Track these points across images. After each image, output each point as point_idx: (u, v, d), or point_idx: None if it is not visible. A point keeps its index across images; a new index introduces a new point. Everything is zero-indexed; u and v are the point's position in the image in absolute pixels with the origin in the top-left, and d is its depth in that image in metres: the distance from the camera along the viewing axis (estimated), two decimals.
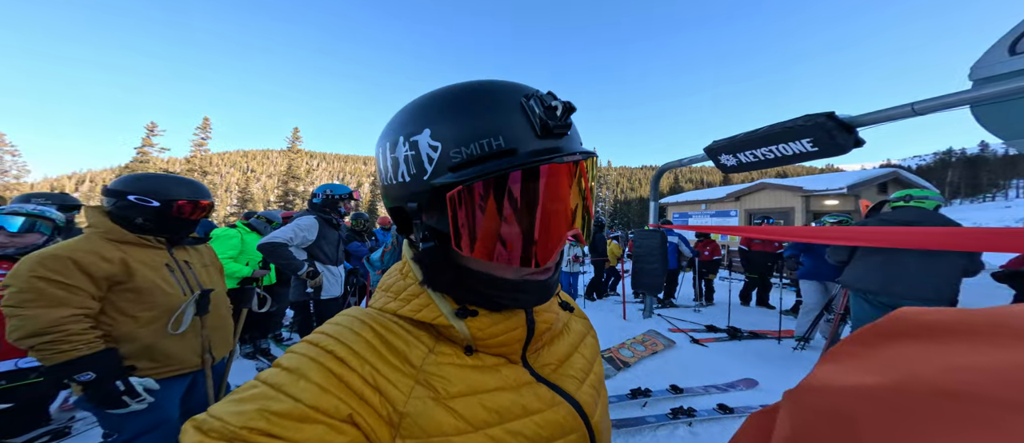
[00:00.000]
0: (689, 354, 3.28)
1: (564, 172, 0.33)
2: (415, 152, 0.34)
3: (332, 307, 2.40)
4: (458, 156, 0.32)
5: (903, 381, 0.18)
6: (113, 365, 1.06)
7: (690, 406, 2.21)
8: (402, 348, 0.36)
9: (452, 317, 0.37)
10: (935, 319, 0.19)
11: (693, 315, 5.01)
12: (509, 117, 0.32)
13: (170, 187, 1.23)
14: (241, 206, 34.03)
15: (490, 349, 0.38)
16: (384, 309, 0.40)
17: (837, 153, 2.76)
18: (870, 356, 0.21)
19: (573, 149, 0.34)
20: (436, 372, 0.35)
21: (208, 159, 33.60)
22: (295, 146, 35.17)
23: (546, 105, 0.32)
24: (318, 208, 2.39)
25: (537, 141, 0.32)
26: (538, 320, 0.41)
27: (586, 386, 0.42)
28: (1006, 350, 0.16)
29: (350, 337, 0.35)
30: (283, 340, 3.92)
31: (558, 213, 0.34)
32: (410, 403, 0.33)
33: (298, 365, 0.33)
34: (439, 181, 0.33)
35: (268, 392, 0.31)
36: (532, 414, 0.36)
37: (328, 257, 2.35)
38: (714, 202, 12.19)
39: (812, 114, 2.75)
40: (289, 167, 34.44)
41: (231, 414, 0.30)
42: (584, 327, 0.51)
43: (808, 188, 9.84)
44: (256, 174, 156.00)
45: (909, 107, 2.40)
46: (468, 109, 0.33)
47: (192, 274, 1.33)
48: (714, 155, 3.56)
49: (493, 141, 0.31)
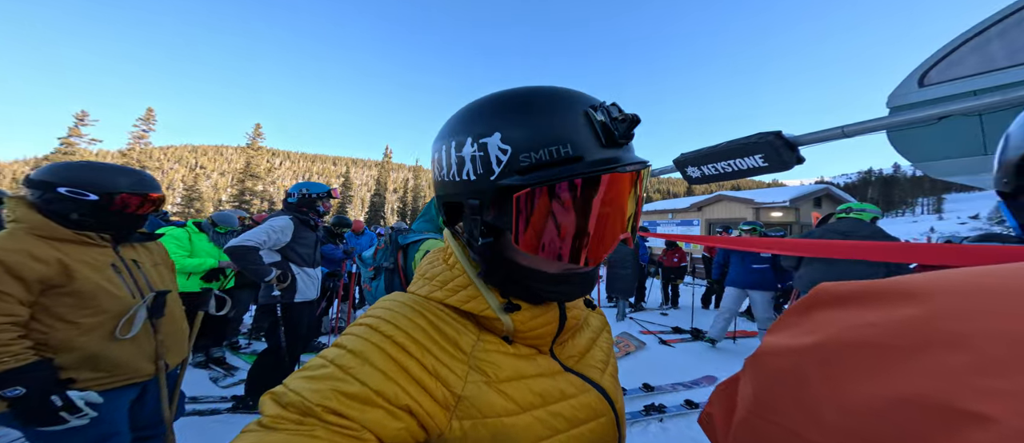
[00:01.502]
0: (658, 354, 3.47)
1: (624, 180, 0.35)
2: (484, 153, 0.35)
3: (303, 311, 2.26)
4: (527, 160, 0.34)
5: (825, 339, 0.24)
6: (46, 378, 0.93)
7: (661, 403, 2.35)
8: (453, 335, 0.38)
9: (499, 311, 0.39)
10: (846, 290, 0.26)
11: (661, 318, 5.29)
12: (577, 126, 0.34)
13: (110, 178, 1.08)
14: (186, 205, 30.71)
15: (526, 340, 0.41)
16: (431, 297, 0.41)
17: (783, 169, 3.10)
18: (803, 323, 0.27)
19: (632, 159, 0.36)
20: (485, 358, 0.38)
21: (149, 153, 30.06)
22: (255, 143, 32.58)
23: (612, 116, 0.35)
24: (293, 208, 2.26)
25: (601, 150, 0.34)
26: (569, 315, 0.43)
27: (607, 375, 0.45)
28: (890, 308, 0.22)
29: (407, 324, 0.37)
30: (240, 348, 3.60)
31: (614, 218, 0.36)
32: (467, 387, 0.35)
33: (363, 349, 0.34)
34: (507, 182, 0.34)
35: (338, 373, 0.32)
36: (569, 398, 0.39)
37: (303, 259, 2.22)
38: (679, 212, 13.05)
39: (763, 132, 3.08)
40: (247, 165, 31.77)
41: (308, 390, 0.31)
42: (600, 323, 0.54)
43: (758, 201, 10.89)
44: (206, 171, 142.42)
45: (840, 130, 2.77)
46: (539, 116, 0.34)
47: (142, 275, 1.19)
48: (681, 166, 3.83)
49: (561, 148, 0.33)
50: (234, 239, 2.00)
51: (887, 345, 0.21)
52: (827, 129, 3.25)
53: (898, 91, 3.32)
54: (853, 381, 0.21)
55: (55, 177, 1.04)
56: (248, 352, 3.53)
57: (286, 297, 2.14)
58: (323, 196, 2.29)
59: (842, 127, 3.28)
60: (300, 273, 2.20)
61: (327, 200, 2.31)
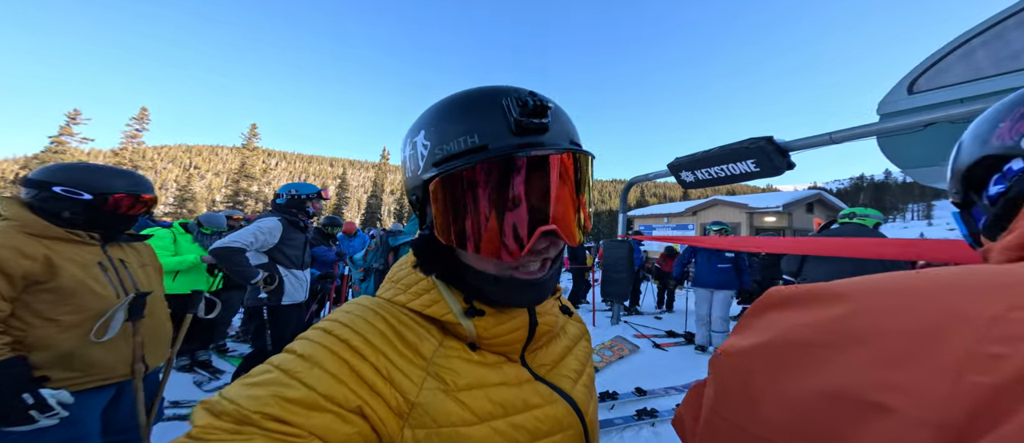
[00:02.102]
0: (652, 358, 3.46)
1: (534, 165, 0.33)
2: (413, 151, 0.38)
3: (291, 314, 2.21)
4: (441, 153, 0.35)
5: (771, 338, 0.25)
6: (19, 376, 0.91)
7: (653, 407, 2.33)
8: (414, 340, 0.37)
9: (461, 315, 0.38)
10: (791, 292, 0.27)
11: (655, 322, 5.30)
12: (488, 117, 0.34)
13: (105, 178, 1.11)
14: (179, 205, 30.31)
15: (492, 347, 0.39)
16: (394, 300, 0.41)
17: (774, 174, 3.14)
18: (755, 324, 0.28)
19: (548, 145, 0.34)
20: (445, 365, 0.36)
21: (141, 152, 29.73)
22: (251, 143, 32.33)
23: (521, 102, 0.33)
24: (282, 209, 2.22)
25: (512, 138, 0.33)
26: (540, 322, 0.42)
27: (579, 385, 0.44)
28: (823, 309, 0.24)
29: (365, 327, 0.36)
30: (228, 351, 3.53)
31: (524, 206, 0.34)
32: (422, 394, 0.34)
33: (313, 353, 0.33)
34: (425, 175, 0.36)
35: (282, 378, 0.31)
36: (533, 409, 0.38)
37: (291, 261, 2.18)
38: (675, 216, 13.16)
39: (755, 137, 3.11)
40: (242, 165, 31.49)
41: (245, 398, 0.30)
42: (579, 331, 0.52)
43: (752, 205, 11.01)
44: (200, 171, 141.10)
45: (828, 136, 2.81)
46: (454, 111, 0.35)
47: (128, 274, 1.19)
48: (676, 171, 3.87)
49: (469, 138, 0.33)
50: (220, 240, 1.96)
51: (816, 343, 0.22)
52: (816, 135, 3.28)
53: (888, 98, 3.36)
54: (789, 377, 0.23)
55: (52, 177, 1.06)
56: (236, 355, 3.46)
57: (273, 299, 2.10)
58: (313, 197, 2.25)
59: (830, 133, 3.31)
60: (288, 275, 2.16)
61: (317, 201, 2.28)
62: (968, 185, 0.41)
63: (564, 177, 0.35)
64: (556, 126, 0.36)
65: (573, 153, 0.35)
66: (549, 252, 0.37)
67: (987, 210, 0.38)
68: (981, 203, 0.39)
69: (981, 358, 0.17)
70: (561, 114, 0.37)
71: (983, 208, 0.39)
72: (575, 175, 0.36)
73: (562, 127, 0.37)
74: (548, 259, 0.38)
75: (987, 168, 0.38)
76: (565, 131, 0.37)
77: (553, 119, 0.35)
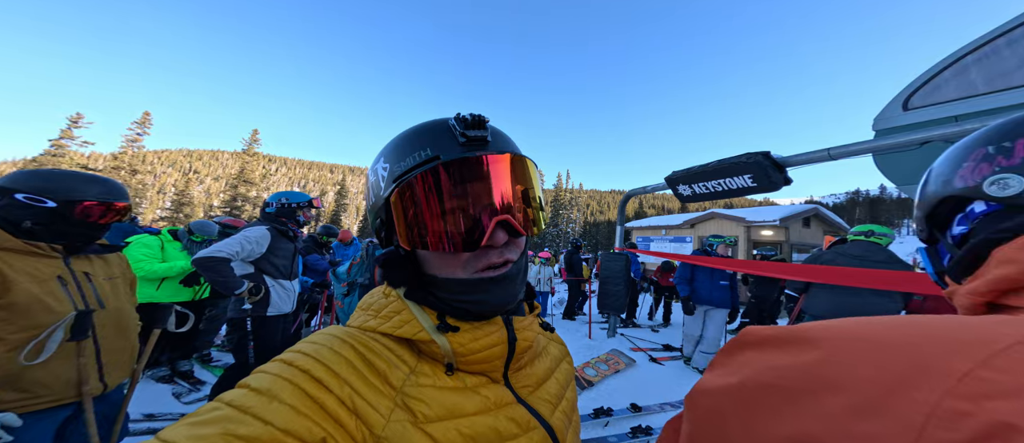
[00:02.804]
0: (648, 372, 3.38)
1: (479, 166, 0.37)
2: (375, 178, 0.41)
3: (276, 325, 2.14)
4: (399, 169, 0.39)
5: (744, 379, 0.25)
6: None
7: (648, 425, 2.25)
8: (383, 368, 0.36)
9: (433, 332, 0.38)
10: (767, 334, 0.27)
11: (652, 335, 5.22)
12: (437, 135, 0.39)
13: (74, 185, 1.05)
14: (176, 210, 30.14)
15: (472, 367, 0.39)
16: (364, 327, 0.40)
17: (771, 189, 3.13)
18: (730, 363, 0.28)
19: (489, 151, 0.39)
20: (415, 395, 0.35)
21: (141, 156, 29.79)
22: (252, 148, 32.43)
23: (462, 120, 0.38)
24: (271, 217, 2.18)
25: (459, 149, 0.38)
26: (520, 337, 0.41)
27: (558, 411, 0.43)
28: (795, 353, 0.23)
29: (328, 356, 0.34)
30: (211, 361, 3.42)
31: (477, 201, 0.37)
32: (389, 426, 0.33)
33: (270, 386, 0.31)
34: (386, 192, 0.39)
35: (233, 415, 0.29)
36: (506, 440, 0.37)
37: (279, 271, 2.13)
38: (673, 228, 13.14)
39: (752, 152, 3.11)
40: (242, 170, 31.50)
41: (189, 438, 0.27)
42: (560, 352, 0.52)
43: (749, 219, 11.01)
44: (200, 176, 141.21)
45: (826, 152, 2.82)
46: (410, 137, 0.40)
47: (91, 288, 1.12)
48: (673, 184, 3.86)
49: (422, 152, 0.38)
50: (204, 249, 1.91)
51: (787, 388, 0.23)
52: (814, 151, 3.28)
53: (883, 114, 3.37)
54: (760, 421, 0.23)
55: (14, 183, 1.01)
56: (220, 365, 3.36)
57: (258, 310, 2.03)
58: (303, 206, 2.21)
59: (828, 149, 3.31)
60: (274, 285, 2.10)
61: (308, 210, 2.23)
62: (932, 223, 0.40)
63: (508, 176, 0.39)
64: (495, 138, 0.40)
65: (514, 158, 0.39)
66: (511, 251, 0.39)
67: (951, 250, 0.37)
68: (945, 241, 0.39)
69: (946, 414, 0.17)
70: (500, 132, 0.42)
71: (948, 247, 0.38)
72: (520, 176, 0.40)
73: (501, 139, 0.41)
74: (511, 259, 0.40)
75: (951, 207, 0.37)
76: (505, 142, 0.42)
77: (492, 134, 0.40)
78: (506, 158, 0.39)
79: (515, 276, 0.40)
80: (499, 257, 0.38)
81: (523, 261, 0.43)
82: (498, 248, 0.38)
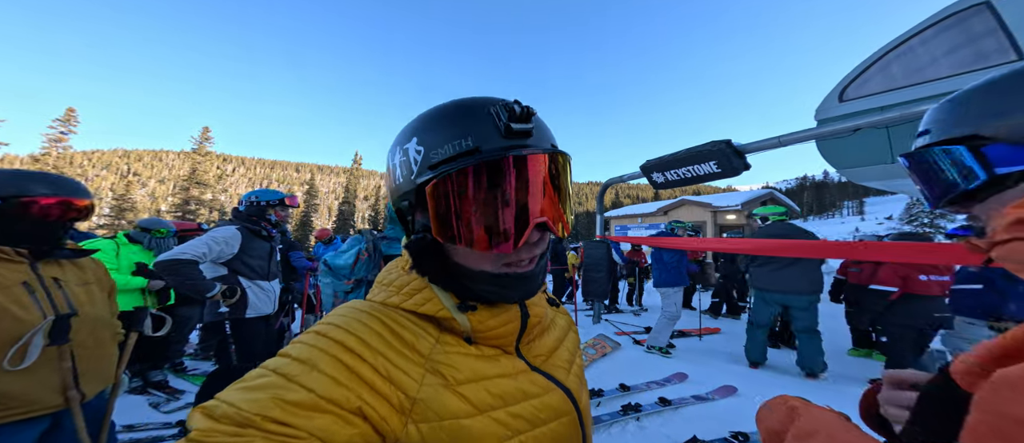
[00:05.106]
0: (632, 354, 3.59)
1: (523, 164, 0.36)
2: (405, 158, 0.39)
3: (257, 327, 2.06)
4: (436, 156, 0.36)
5: None
6: None
7: (637, 402, 2.41)
8: (410, 339, 0.38)
9: (454, 311, 0.40)
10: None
11: (634, 319, 5.51)
12: (479, 122, 0.36)
13: (23, 184, 0.99)
14: (117, 216, 27.07)
15: (488, 340, 0.41)
16: (387, 303, 0.42)
17: (733, 174, 3.42)
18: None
19: (534, 147, 0.37)
20: (444, 360, 0.38)
21: (68, 158, 26.27)
22: (203, 147, 29.68)
23: (508, 109, 0.37)
24: (242, 217, 2.08)
25: (502, 140, 0.36)
26: (531, 313, 0.44)
27: (571, 375, 0.46)
28: None
29: (360, 328, 0.37)
30: (185, 370, 3.22)
31: (517, 201, 0.36)
32: (423, 389, 0.35)
33: (310, 356, 0.33)
34: (421, 179, 0.37)
35: (280, 382, 0.31)
36: (531, 398, 0.40)
37: (255, 272, 2.04)
38: (647, 216, 13.81)
39: (716, 140, 3.38)
40: (193, 171, 28.79)
41: (244, 401, 0.30)
42: (567, 323, 0.55)
43: (715, 204, 11.83)
44: (141, 178, 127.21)
45: (776, 139, 3.13)
46: (447, 119, 0.38)
47: (62, 294, 1.06)
48: (648, 172, 4.08)
49: (463, 142, 0.36)
50: (166, 252, 1.79)
51: None
52: (767, 138, 3.61)
53: (823, 105, 3.76)
54: None
55: None
56: (197, 374, 3.17)
57: (236, 313, 1.95)
58: (274, 204, 2.12)
59: (778, 137, 3.65)
60: (251, 286, 2.01)
61: (280, 209, 2.15)
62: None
63: (549, 175, 0.38)
64: (538, 131, 0.39)
65: (555, 154, 0.38)
66: (539, 247, 0.40)
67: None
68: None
69: None
70: (541, 121, 0.40)
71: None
72: (558, 174, 0.39)
73: (543, 132, 0.39)
74: (536, 255, 0.40)
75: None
76: (546, 135, 0.40)
77: (536, 124, 0.38)
78: (547, 158, 0.37)
79: (540, 272, 0.42)
80: (528, 254, 0.39)
81: (547, 254, 0.43)
82: (529, 245, 0.38)
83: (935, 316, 2.77)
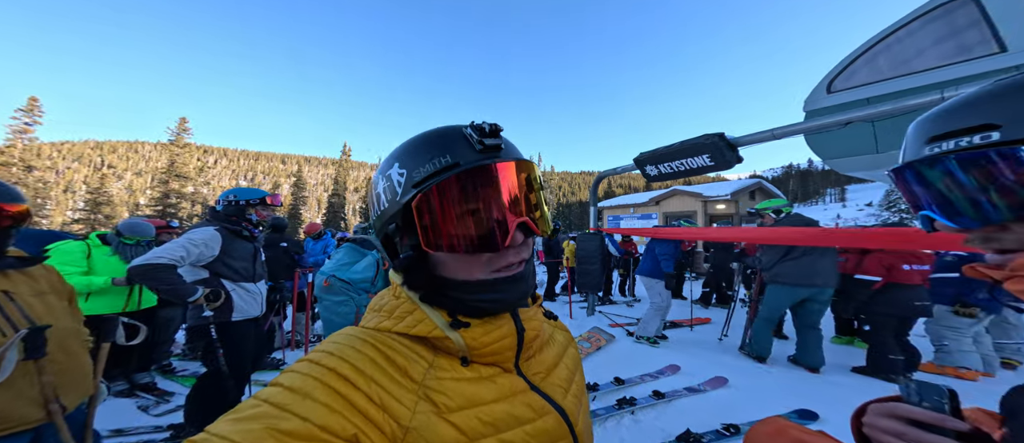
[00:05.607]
0: (627, 347, 3.64)
1: (497, 172, 0.40)
2: (389, 183, 0.42)
3: (245, 330, 1.99)
4: (419, 175, 0.39)
5: None
6: None
7: (632, 396, 2.44)
8: (403, 364, 0.38)
9: (447, 329, 0.40)
10: None
11: (627, 310, 5.58)
12: (454, 142, 0.40)
13: None
14: (92, 210, 25.90)
15: (484, 358, 0.41)
16: (379, 328, 0.41)
17: (725, 167, 3.45)
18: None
19: (504, 158, 0.41)
20: (436, 387, 0.38)
21: (35, 150, 24.86)
22: (181, 139, 28.42)
23: (478, 128, 0.40)
24: (221, 217, 1.97)
25: (477, 156, 0.39)
26: (527, 328, 0.44)
27: (570, 396, 0.46)
28: None
29: (353, 355, 0.36)
30: (174, 371, 3.15)
31: (498, 204, 0.39)
32: (415, 418, 0.35)
33: (302, 385, 0.33)
34: (406, 197, 0.39)
35: (273, 412, 0.31)
36: (523, 424, 0.39)
37: (239, 273, 1.95)
38: (640, 206, 13.91)
39: (710, 133, 3.39)
40: (172, 164, 27.62)
41: (237, 433, 0.29)
42: (565, 339, 0.55)
43: (706, 194, 11.98)
44: (117, 170, 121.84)
45: (770, 132, 3.15)
46: (425, 143, 0.41)
47: (16, 307, 1.00)
48: (642, 165, 4.08)
49: (442, 159, 0.39)
50: (140, 256, 1.70)
51: None
52: (761, 131, 3.64)
53: (812, 97, 3.80)
54: None
55: None
56: (185, 374, 3.10)
57: (221, 316, 1.88)
58: (255, 203, 2.01)
59: (772, 130, 3.69)
60: (235, 289, 1.94)
61: (262, 208, 2.04)
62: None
63: (523, 181, 0.42)
64: (507, 145, 0.42)
65: (525, 164, 0.42)
66: (524, 250, 0.42)
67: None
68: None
69: None
70: (507, 138, 0.43)
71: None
72: (530, 180, 0.43)
73: (511, 148, 0.43)
74: (523, 258, 0.42)
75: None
76: (514, 149, 0.44)
77: (504, 141, 0.42)
78: (519, 165, 0.41)
79: (528, 274, 0.43)
80: (516, 256, 0.41)
81: (533, 259, 0.45)
82: (516, 248, 0.40)
83: (916, 305, 2.87)
